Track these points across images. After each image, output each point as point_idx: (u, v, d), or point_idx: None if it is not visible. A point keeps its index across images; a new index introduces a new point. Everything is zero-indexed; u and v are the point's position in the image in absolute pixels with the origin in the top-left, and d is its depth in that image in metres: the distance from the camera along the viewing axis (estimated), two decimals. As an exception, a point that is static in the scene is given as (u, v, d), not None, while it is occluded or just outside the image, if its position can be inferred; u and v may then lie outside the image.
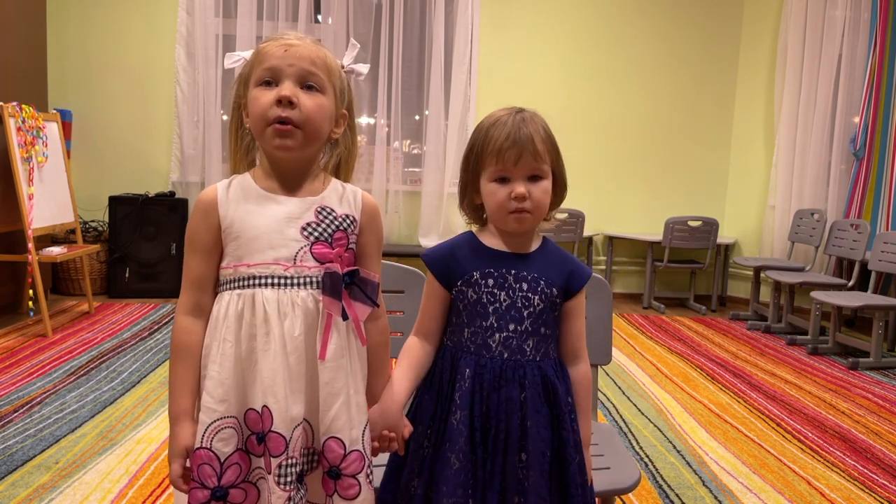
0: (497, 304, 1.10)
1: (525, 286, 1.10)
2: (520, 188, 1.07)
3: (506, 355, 1.09)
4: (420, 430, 1.11)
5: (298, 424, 1.00)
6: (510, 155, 1.06)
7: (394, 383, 1.12)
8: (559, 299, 1.13)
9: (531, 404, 1.07)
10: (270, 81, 1.01)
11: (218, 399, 0.99)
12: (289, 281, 1.01)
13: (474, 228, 1.19)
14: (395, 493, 1.13)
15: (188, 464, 1.00)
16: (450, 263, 1.13)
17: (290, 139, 1.00)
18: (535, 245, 1.15)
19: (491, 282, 1.11)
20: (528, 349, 1.10)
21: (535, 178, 1.09)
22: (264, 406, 0.98)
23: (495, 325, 1.10)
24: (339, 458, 1.02)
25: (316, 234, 1.03)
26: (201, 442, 0.98)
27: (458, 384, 1.09)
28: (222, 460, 0.98)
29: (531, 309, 1.10)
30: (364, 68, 1.13)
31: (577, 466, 1.09)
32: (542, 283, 1.11)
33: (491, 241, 1.14)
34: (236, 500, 1.00)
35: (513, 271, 1.11)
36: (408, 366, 1.14)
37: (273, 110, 0.99)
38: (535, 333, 1.10)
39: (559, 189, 1.14)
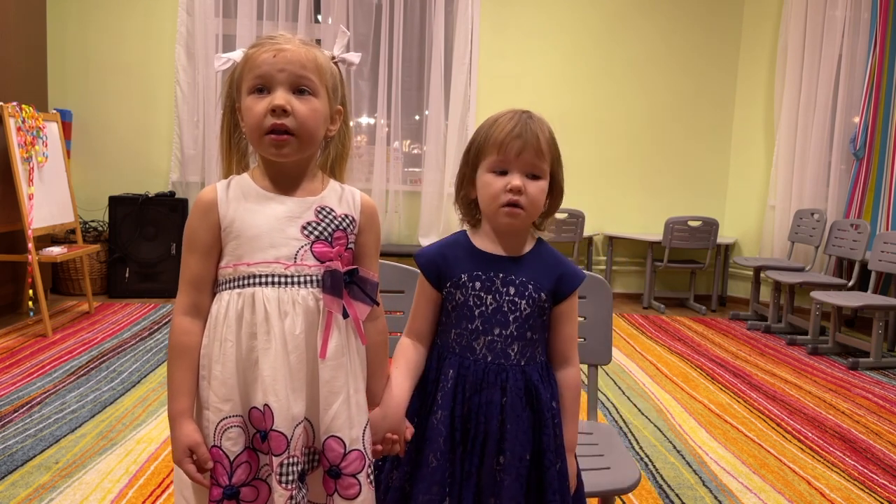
0: (483, 308, 1.10)
1: (512, 290, 1.10)
2: (516, 180, 1.06)
3: (489, 358, 1.09)
4: None
5: (299, 423, 1.00)
6: (513, 146, 1.06)
7: (394, 385, 1.12)
8: (548, 304, 1.12)
9: (511, 409, 1.07)
10: (262, 89, 1.01)
11: (223, 398, 0.99)
12: (289, 279, 1.01)
13: (468, 229, 1.18)
14: (377, 483, 1.13)
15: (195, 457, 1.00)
16: (440, 264, 1.13)
17: (286, 148, 1.01)
18: (527, 247, 1.14)
19: (478, 285, 1.10)
20: (512, 353, 1.10)
21: (533, 176, 1.08)
22: (266, 405, 0.98)
23: (480, 328, 1.09)
24: (339, 457, 1.02)
25: (316, 233, 1.03)
26: (213, 440, 0.99)
27: (442, 384, 1.10)
28: (231, 459, 0.99)
29: (517, 314, 1.10)
30: (355, 57, 1.12)
31: (557, 472, 1.08)
32: (531, 287, 1.10)
33: (483, 242, 1.14)
34: (248, 497, 1.01)
35: (501, 275, 1.11)
36: (406, 368, 1.14)
37: (268, 119, 0.99)
38: (521, 338, 1.10)
39: (555, 195, 1.13)
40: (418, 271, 1.50)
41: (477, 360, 1.09)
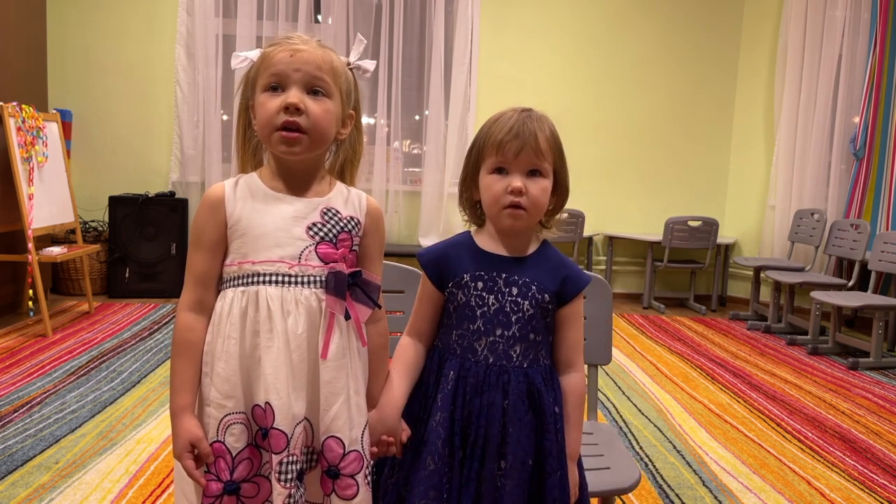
0: (485, 308, 1.08)
1: (515, 290, 1.08)
2: (517, 182, 1.05)
3: (491, 360, 1.08)
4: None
5: (300, 422, 1.00)
6: (511, 147, 1.05)
7: (391, 387, 1.11)
8: (552, 306, 1.10)
9: (513, 411, 1.05)
10: (277, 87, 1.02)
11: (225, 395, 1.00)
12: (293, 279, 1.01)
13: (472, 229, 1.17)
14: (375, 488, 1.12)
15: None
16: (442, 264, 1.12)
17: (297, 146, 1.01)
18: (532, 248, 1.13)
19: (480, 285, 1.09)
20: (514, 355, 1.08)
21: (534, 174, 1.07)
22: (267, 402, 0.99)
23: (482, 328, 1.08)
24: (338, 457, 1.02)
25: (321, 234, 1.04)
26: (216, 436, 0.99)
27: (442, 386, 1.08)
28: (234, 455, 1.00)
29: (520, 314, 1.08)
30: (370, 65, 1.13)
31: (558, 480, 1.06)
32: (534, 288, 1.09)
33: (486, 243, 1.13)
34: (249, 493, 1.01)
35: (504, 275, 1.09)
36: (403, 369, 1.13)
37: (280, 116, 1.00)
38: (524, 339, 1.08)
39: (560, 192, 1.12)
40: (418, 272, 1.51)
41: (478, 362, 1.08)
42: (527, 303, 1.08)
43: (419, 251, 1.17)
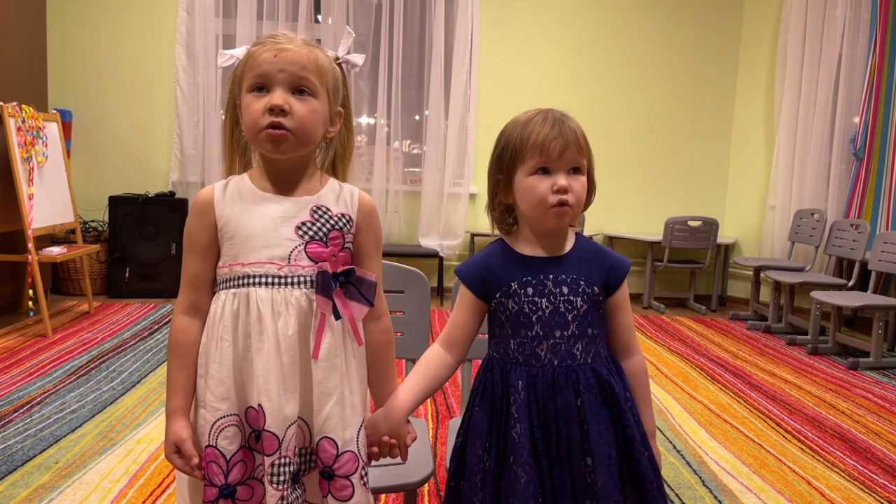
0: (540, 313, 1.07)
1: (566, 290, 1.08)
2: (562, 180, 1.05)
3: (556, 362, 1.07)
4: (477, 444, 1.09)
5: (292, 423, 1.00)
6: (555, 145, 1.04)
7: (402, 389, 1.10)
8: (602, 297, 1.10)
9: (589, 408, 1.05)
10: (262, 88, 1.01)
11: (220, 398, 0.99)
12: (282, 280, 1.01)
13: (503, 237, 1.15)
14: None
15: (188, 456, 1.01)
16: (486, 276, 1.11)
17: (283, 144, 1.01)
18: (569, 245, 1.12)
19: (531, 290, 1.08)
20: (577, 353, 1.08)
21: (574, 171, 1.07)
22: (259, 404, 0.98)
23: (541, 333, 1.07)
24: (332, 458, 1.02)
25: (311, 233, 1.03)
26: (209, 440, 0.99)
27: (513, 397, 1.07)
28: (228, 458, 0.99)
29: (575, 312, 1.07)
30: (359, 59, 1.12)
31: (648, 461, 1.07)
32: (583, 283, 1.08)
33: (524, 247, 1.11)
34: (243, 497, 1.01)
35: (551, 276, 1.08)
36: (422, 375, 1.12)
37: (265, 118, 0.99)
38: (583, 336, 1.08)
39: (591, 189, 1.12)
40: (418, 271, 1.51)
41: (544, 366, 1.07)
42: (579, 299, 1.08)
43: (457, 267, 1.15)
